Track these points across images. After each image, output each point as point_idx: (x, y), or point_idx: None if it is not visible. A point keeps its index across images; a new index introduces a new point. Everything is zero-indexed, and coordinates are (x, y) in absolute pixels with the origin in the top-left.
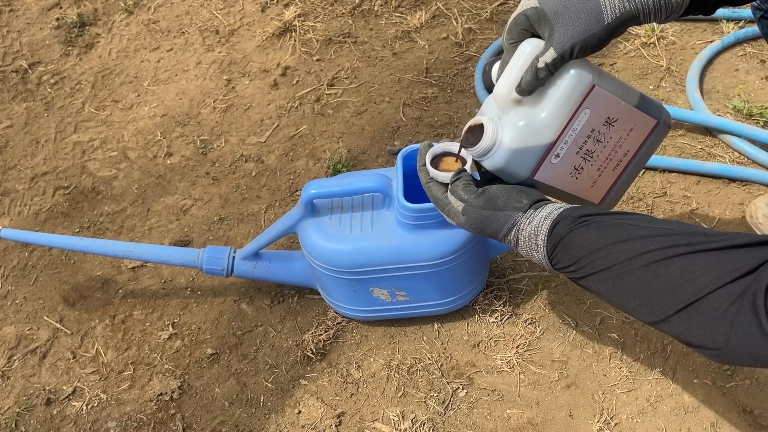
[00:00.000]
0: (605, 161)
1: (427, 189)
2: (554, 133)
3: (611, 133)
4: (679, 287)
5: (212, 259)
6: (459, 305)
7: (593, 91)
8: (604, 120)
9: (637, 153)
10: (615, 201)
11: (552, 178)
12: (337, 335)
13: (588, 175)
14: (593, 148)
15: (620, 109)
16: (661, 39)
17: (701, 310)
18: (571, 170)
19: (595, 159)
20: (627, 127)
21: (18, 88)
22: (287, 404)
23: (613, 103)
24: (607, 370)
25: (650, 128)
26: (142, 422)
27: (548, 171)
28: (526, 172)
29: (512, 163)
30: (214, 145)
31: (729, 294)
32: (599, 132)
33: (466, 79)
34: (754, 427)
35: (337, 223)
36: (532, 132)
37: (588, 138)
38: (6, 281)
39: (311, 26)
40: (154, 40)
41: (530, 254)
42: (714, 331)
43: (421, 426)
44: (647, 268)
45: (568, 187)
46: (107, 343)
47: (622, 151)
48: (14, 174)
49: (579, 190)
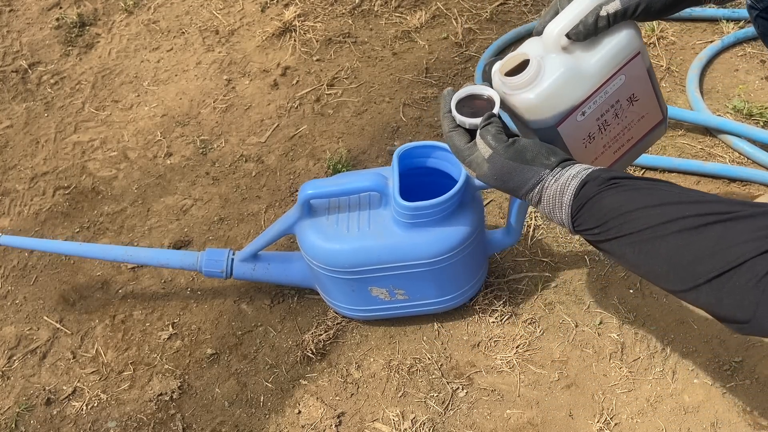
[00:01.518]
0: (612, 140)
1: (448, 138)
2: (591, 88)
3: (628, 112)
4: (713, 255)
5: (211, 261)
6: (458, 303)
7: (635, 59)
8: (630, 95)
9: (637, 143)
10: None
11: (570, 136)
12: (337, 335)
13: (595, 147)
14: (610, 121)
15: (645, 88)
16: (661, 39)
17: (734, 279)
18: (586, 136)
19: (606, 133)
20: (641, 112)
21: (18, 88)
22: (287, 404)
23: (643, 79)
24: (607, 370)
25: (656, 122)
26: (142, 422)
27: (571, 127)
28: (554, 119)
29: (545, 105)
30: (214, 145)
31: (765, 262)
32: (621, 106)
33: (466, 79)
34: (754, 427)
35: (334, 223)
36: (572, 79)
37: (611, 108)
38: (6, 281)
39: (311, 26)
40: (154, 40)
41: (552, 213)
42: (745, 301)
43: (421, 426)
44: (680, 234)
45: (577, 152)
46: (107, 343)
47: (628, 136)
48: (14, 174)
49: (582, 159)
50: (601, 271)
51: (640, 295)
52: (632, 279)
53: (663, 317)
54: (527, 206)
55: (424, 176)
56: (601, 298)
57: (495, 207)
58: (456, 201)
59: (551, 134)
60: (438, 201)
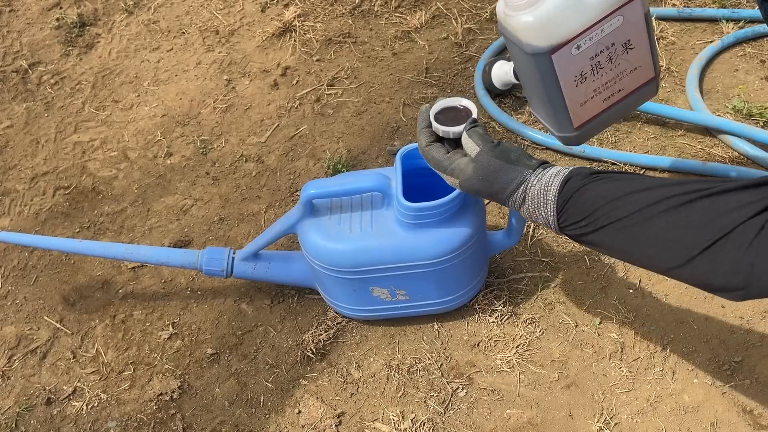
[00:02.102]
0: (603, 86)
1: (426, 152)
2: (589, 21)
3: (622, 59)
4: (703, 227)
5: (212, 260)
6: (459, 304)
7: (634, 2)
8: (625, 40)
9: (626, 97)
10: (586, 137)
11: (563, 69)
12: (337, 335)
13: (585, 89)
14: (603, 64)
15: (641, 38)
16: (660, 39)
17: (727, 246)
18: (578, 73)
19: (598, 77)
20: (635, 63)
21: (18, 88)
22: (287, 404)
23: (640, 27)
24: (607, 370)
25: (647, 78)
26: (142, 422)
27: (564, 58)
28: (549, 46)
29: (542, 30)
30: (214, 145)
31: (754, 227)
32: (615, 51)
33: (466, 79)
34: (754, 427)
35: (336, 223)
36: (571, 8)
37: (605, 50)
38: (6, 281)
39: (311, 26)
40: (154, 41)
41: (536, 212)
42: (740, 265)
43: (421, 426)
44: (668, 213)
45: (568, 90)
46: (107, 343)
47: (619, 86)
48: (14, 174)
49: (572, 99)
50: (601, 271)
51: (640, 295)
52: (632, 279)
53: (663, 317)
54: None
55: (426, 177)
56: (601, 298)
57: (496, 208)
58: (459, 202)
59: (545, 62)
60: (441, 202)
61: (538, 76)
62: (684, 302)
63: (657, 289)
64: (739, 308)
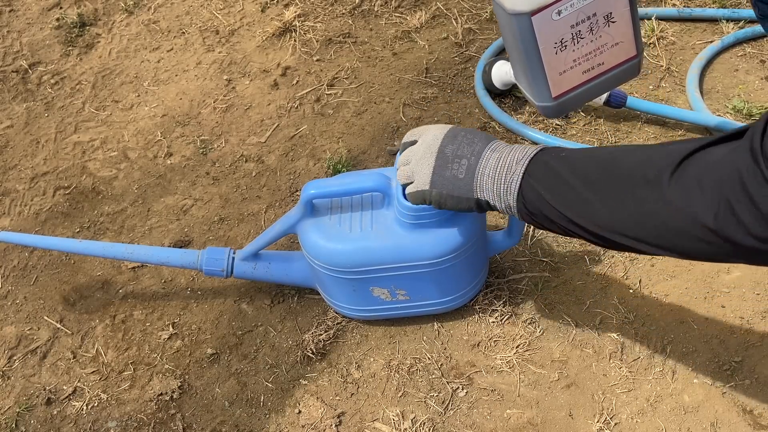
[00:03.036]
0: (583, 57)
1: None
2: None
3: (603, 32)
4: (664, 157)
5: (212, 260)
6: (459, 304)
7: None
8: (607, 12)
9: (606, 72)
10: (565, 110)
11: (543, 33)
12: (337, 335)
13: (565, 58)
14: (584, 35)
15: (623, 13)
16: (661, 39)
17: (688, 168)
18: (558, 41)
19: (578, 47)
20: (617, 38)
21: (18, 88)
22: (287, 404)
23: (623, 1)
24: (607, 370)
25: (629, 56)
26: (143, 422)
27: (545, 22)
28: (530, 6)
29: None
30: (215, 145)
31: (709, 155)
32: (597, 22)
33: (466, 79)
34: (754, 427)
35: (336, 223)
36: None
37: (587, 19)
38: (6, 281)
39: (311, 26)
40: (154, 41)
41: (496, 188)
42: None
43: (421, 426)
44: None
45: (546, 55)
46: (107, 343)
47: (600, 59)
48: (14, 174)
49: (551, 66)
50: (601, 271)
51: (640, 295)
52: (632, 279)
53: (663, 317)
54: None
55: None
56: (601, 298)
57: None
58: None
59: (525, 25)
60: None
61: (518, 39)
62: (684, 302)
63: (657, 289)
64: (739, 308)
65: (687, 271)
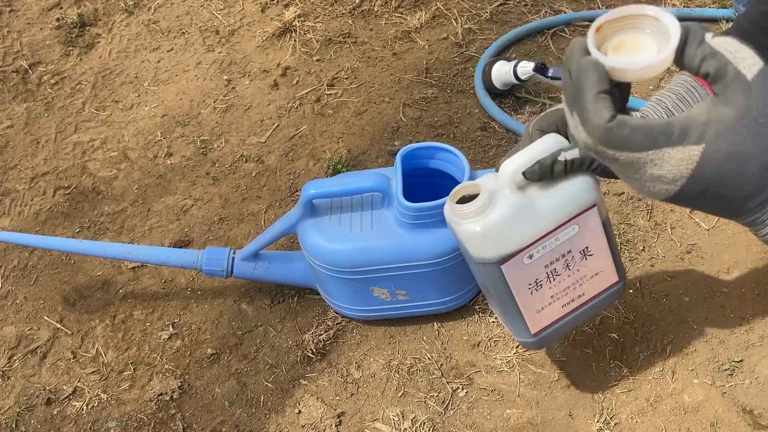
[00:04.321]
0: (561, 292)
1: (619, 131)
2: (541, 231)
3: (580, 265)
4: None
5: (212, 260)
6: (459, 304)
7: (591, 211)
8: (583, 248)
9: (589, 301)
10: (548, 342)
11: (515, 278)
12: (337, 335)
13: (541, 296)
14: (560, 272)
15: (600, 245)
16: None
17: None
18: (532, 281)
19: (554, 284)
20: (595, 269)
21: (18, 88)
22: (287, 404)
23: (598, 234)
24: (607, 370)
25: (611, 283)
26: (143, 422)
27: (516, 268)
28: (498, 257)
29: (490, 240)
30: (214, 145)
31: None
32: (573, 258)
33: (466, 79)
34: (754, 427)
35: (336, 223)
36: (522, 218)
37: (561, 257)
38: (6, 281)
39: (311, 26)
40: (154, 41)
41: None
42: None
43: (421, 426)
44: None
45: (521, 297)
46: (107, 343)
47: (580, 291)
48: (14, 174)
49: (527, 306)
50: None
51: (639, 295)
52: (632, 279)
53: (663, 317)
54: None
55: (427, 177)
56: None
57: None
58: None
59: (494, 273)
60: (442, 202)
61: (489, 284)
62: (684, 302)
63: (657, 289)
64: (739, 308)
65: (687, 271)
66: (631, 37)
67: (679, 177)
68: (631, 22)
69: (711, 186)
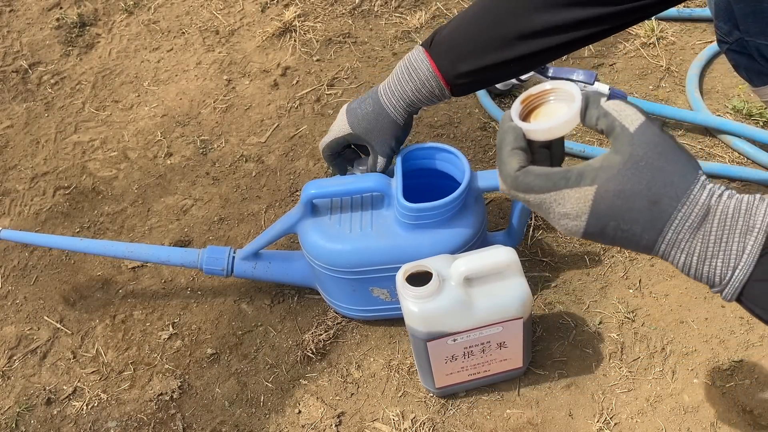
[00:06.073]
0: (471, 366)
1: (523, 179)
2: (470, 326)
3: (494, 352)
4: None
5: (212, 259)
6: None
7: (517, 321)
8: (501, 341)
9: (491, 376)
10: (449, 393)
11: (436, 352)
12: (337, 335)
13: (453, 366)
14: (475, 353)
15: (516, 342)
16: (660, 39)
17: None
18: (449, 356)
19: (467, 360)
20: (506, 356)
21: (18, 88)
22: (287, 404)
23: (517, 335)
24: (607, 370)
25: (515, 367)
26: (143, 422)
27: (439, 346)
28: (427, 333)
29: (424, 322)
30: (214, 145)
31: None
32: (490, 346)
33: None
34: (753, 427)
35: (336, 223)
36: (457, 312)
37: (480, 344)
38: (6, 281)
39: (311, 26)
40: (154, 41)
41: (719, 244)
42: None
43: (421, 426)
44: None
45: (436, 363)
46: (107, 343)
47: (486, 368)
48: (14, 174)
49: (439, 370)
50: (601, 271)
51: (639, 295)
52: (632, 279)
53: (663, 317)
54: (529, 209)
55: (427, 178)
56: (601, 298)
57: (496, 208)
58: (459, 203)
59: (420, 344)
60: (442, 203)
61: (413, 346)
62: (684, 302)
63: (657, 289)
64: (739, 308)
65: None
66: (549, 106)
67: (581, 213)
68: (550, 94)
69: (610, 221)
